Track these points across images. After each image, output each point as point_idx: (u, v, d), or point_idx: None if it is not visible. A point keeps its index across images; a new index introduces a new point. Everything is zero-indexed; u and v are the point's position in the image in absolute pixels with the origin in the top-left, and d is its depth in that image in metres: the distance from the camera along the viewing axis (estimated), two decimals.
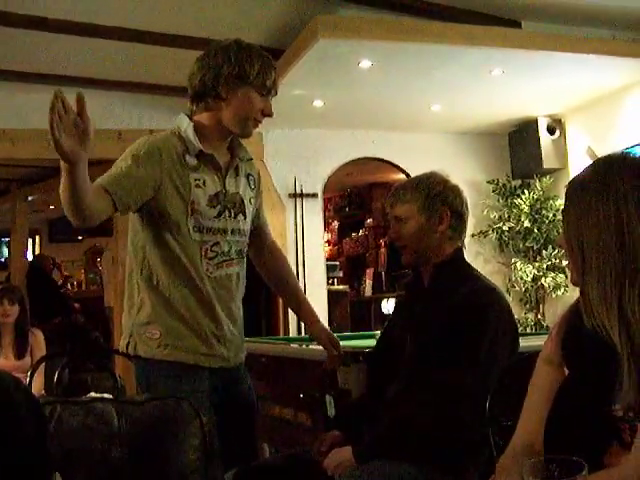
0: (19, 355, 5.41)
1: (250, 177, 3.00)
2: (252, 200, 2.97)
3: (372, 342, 3.35)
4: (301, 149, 8.10)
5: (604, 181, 1.67)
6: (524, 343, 2.78)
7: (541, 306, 8.23)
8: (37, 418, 1.59)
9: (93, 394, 3.33)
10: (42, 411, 1.72)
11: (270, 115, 2.87)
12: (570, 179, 1.81)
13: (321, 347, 3.11)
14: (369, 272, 11.82)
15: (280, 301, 8.04)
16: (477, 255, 8.28)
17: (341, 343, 3.13)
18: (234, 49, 2.80)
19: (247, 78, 2.76)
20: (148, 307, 2.76)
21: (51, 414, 1.99)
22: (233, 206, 2.84)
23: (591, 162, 1.81)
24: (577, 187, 1.75)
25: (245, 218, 2.90)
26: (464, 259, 2.86)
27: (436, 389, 2.51)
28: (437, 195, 2.80)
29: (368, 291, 11.38)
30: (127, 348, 2.79)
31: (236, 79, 2.75)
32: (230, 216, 2.82)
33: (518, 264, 8.11)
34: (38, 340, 5.67)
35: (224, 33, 6.53)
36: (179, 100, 7.92)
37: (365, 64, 6.40)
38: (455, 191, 2.85)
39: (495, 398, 2.23)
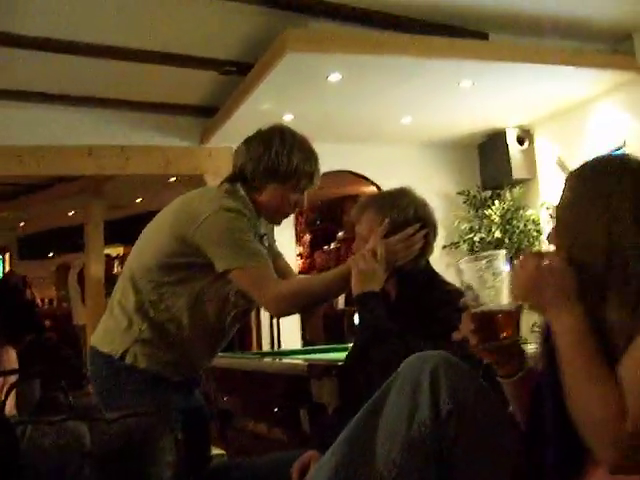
0: None
1: (265, 236, 3.05)
2: None
3: (345, 355, 3.35)
4: None
5: (600, 189, 1.68)
6: None
7: None
8: (8, 439, 1.58)
9: None
10: (14, 431, 1.71)
11: (301, 209, 3.07)
12: (572, 173, 1.79)
13: (295, 361, 3.13)
14: None
15: (253, 316, 8.03)
16: (448, 266, 8.20)
17: (314, 356, 3.13)
18: (276, 143, 2.88)
19: (281, 177, 2.87)
20: (152, 336, 2.82)
21: (22, 434, 1.98)
22: None
23: (596, 157, 1.80)
24: (577, 186, 1.75)
25: None
26: (428, 268, 2.85)
27: None
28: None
29: (341, 303, 11.37)
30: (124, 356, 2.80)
31: (270, 176, 2.87)
32: None
33: None
34: (10, 358, 5.63)
35: (193, 48, 6.61)
36: (149, 115, 7.96)
37: (334, 77, 6.41)
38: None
39: None
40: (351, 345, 3.04)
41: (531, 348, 1.86)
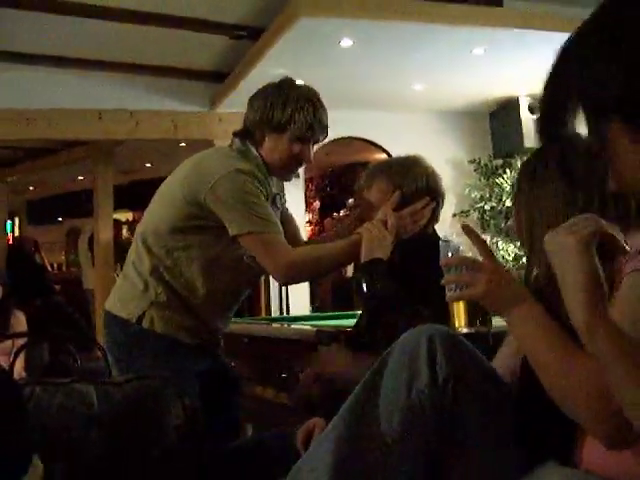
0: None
1: (277, 196, 3.02)
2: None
3: (354, 322, 3.35)
4: None
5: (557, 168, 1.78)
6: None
7: None
8: (16, 400, 1.58)
9: None
10: (21, 393, 1.71)
11: (307, 162, 2.91)
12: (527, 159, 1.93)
13: (303, 327, 3.13)
14: None
15: (262, 281, 8.04)
16: (458, 235, 8.22)
17: (322, 323, 3.13)
18: (273, 93, 2.90)
19: (276, 126, 2.83)
20: (168, 299, 2.83)
21: (30, 395, 1.98)
22: None
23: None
24: (531, 170, 1.88)
25: None
26: (435, 236, 2.82)
27: None
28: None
29: (350, 271, 11.37)
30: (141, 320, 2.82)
31: (266, 126, 2.85)
32: None
33: (500, 243, 8.11)
34: (20, 321, 5.64)
35: (204, 12, 6.55)
36: (158, 80, 7.92)
37: (346, 43, 6.36)
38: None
39: None
40: (359, 312, 3.03)
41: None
